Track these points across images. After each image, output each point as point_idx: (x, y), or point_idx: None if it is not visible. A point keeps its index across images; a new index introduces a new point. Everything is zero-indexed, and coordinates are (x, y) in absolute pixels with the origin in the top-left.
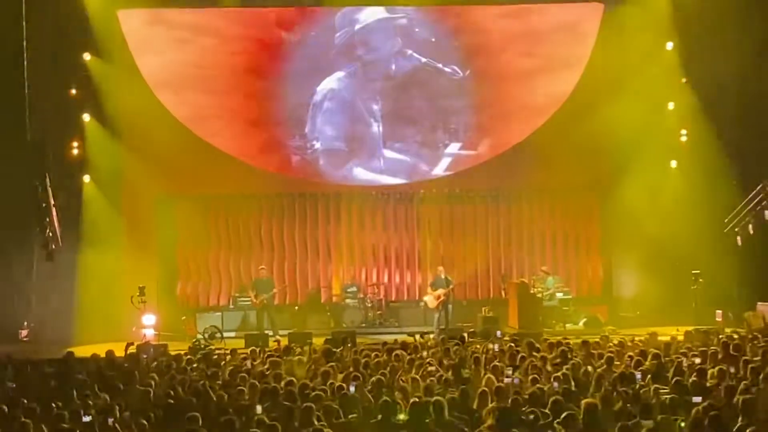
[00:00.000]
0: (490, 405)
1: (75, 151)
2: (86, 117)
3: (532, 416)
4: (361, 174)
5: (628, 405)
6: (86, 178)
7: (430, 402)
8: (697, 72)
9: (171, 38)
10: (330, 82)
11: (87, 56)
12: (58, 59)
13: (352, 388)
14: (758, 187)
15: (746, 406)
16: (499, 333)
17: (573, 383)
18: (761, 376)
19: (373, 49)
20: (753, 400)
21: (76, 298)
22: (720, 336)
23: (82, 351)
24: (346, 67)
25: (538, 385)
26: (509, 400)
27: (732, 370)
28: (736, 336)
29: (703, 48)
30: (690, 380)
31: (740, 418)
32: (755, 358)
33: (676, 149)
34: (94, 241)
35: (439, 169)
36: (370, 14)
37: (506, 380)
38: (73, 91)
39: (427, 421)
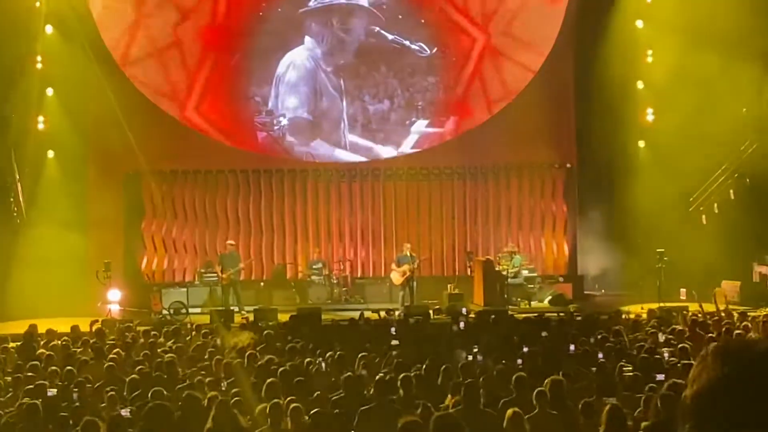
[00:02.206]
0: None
1: (40, 126)
2: (50, 91)
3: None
4: (327, 150)
5: (592, 382)
6: (50, 154)
7: (395, 378)
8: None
9: (138, 13)
10: (293, 54)
11: (50, 29)
12: (23, 32)
13: (323, 365)
14: (722, 167)
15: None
16: (464, 310)
17: (540, 361)
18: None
19: (338, 25)
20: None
21: (41, 273)
22: (685, 313)
23: (46, 325)
24: (310, 41)
25: (504, 362)
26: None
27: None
28: (700, 314)
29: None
30: (653, 358)
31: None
32: (714, 335)
33: (643, 128)
34: (59, 216)
35: (406, 147)
36: None
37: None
38: (39, 65)
39: (393, 397)
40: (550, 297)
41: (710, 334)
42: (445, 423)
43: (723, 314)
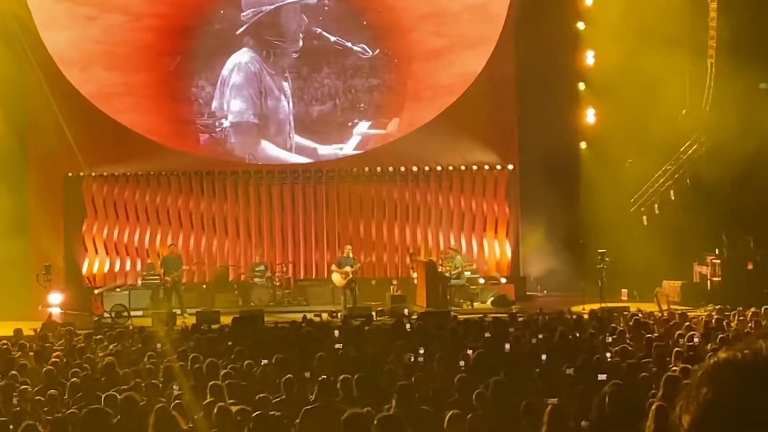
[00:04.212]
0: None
1: None
2: None
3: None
4: (270, 151)
5: (534, 382)
6: None
7: (338, 380)
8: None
9: (78, 15)
10: (237, 57)
11: None
12: None
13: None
14: (663, 168)
15: (649, 382)
16: (406, 311)
17: (483, 362)
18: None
19: (280, 28)
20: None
21: None
22: (626, 313)
23: None
24: (253, 45)
25: (445, 364)
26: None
27: (636, 347)
28: (640, 314)
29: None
30: (595, 358)
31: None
32: (655, 335)
33: (585, 129)
34: None
35: (349, 148)
36: None
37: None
38: None
39: (336, 399)
40: (492, 298)
41: (650, 335)
42: (388, 423)
43: (665, 314)
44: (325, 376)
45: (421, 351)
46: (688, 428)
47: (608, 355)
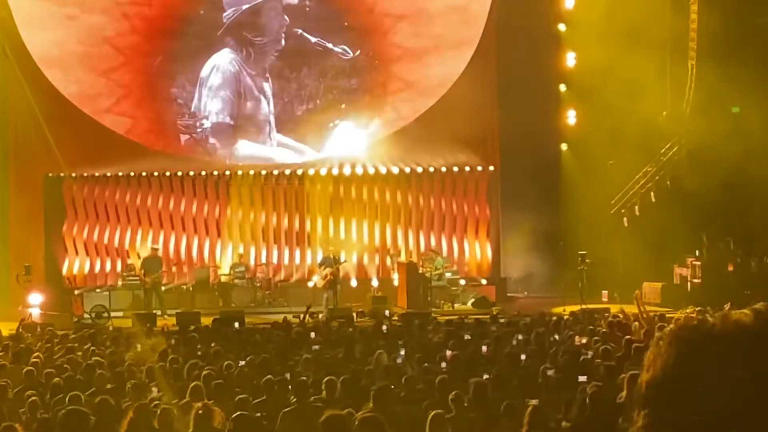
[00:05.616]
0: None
1: None
2: None
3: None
4: (250, 152)
5: (515, 383)
6: None
7: (317, 381)
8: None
9: (59, 15)
10: (217, 58)
11: None
12: None
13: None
14: (643, 170)
15: (630, 384)
16: (387, 312)
17: (463, 363)
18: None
19: (260, 27)
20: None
21: None
22: (606, 315)
23: None
24: (234, 45)
25: (426, 365)
26: (402, 379)
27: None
28: (620, 316)
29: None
30: (575, 359)
31: (623, 395)
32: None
33: (566, 130)
34: None
35: (329, 149)
36: None
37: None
38: None
39: (314, 398)
40: (473, 299)
41: (629, 336)
42: (369, 423)
43: (645, 316)
44: (304, 378)
45: (402, 352)
46: (648, 382)
47: (588, 356)
